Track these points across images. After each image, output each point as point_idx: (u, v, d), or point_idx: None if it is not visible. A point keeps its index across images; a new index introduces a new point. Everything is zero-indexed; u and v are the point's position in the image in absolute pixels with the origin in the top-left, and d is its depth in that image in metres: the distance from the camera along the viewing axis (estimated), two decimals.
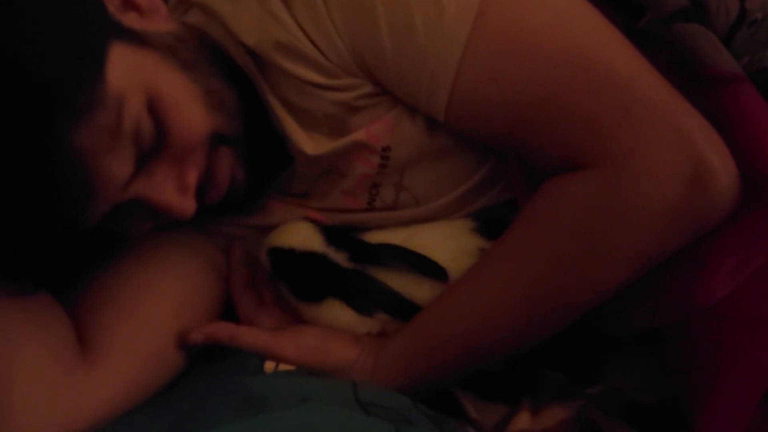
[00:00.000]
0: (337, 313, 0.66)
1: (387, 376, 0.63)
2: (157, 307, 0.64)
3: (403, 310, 0.65)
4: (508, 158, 0.65)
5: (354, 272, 0.65)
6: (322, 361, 0.63)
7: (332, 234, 0.67)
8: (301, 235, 0.66)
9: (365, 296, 0.65)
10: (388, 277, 0.66)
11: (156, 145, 0.57)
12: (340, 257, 0.66)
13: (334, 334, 0.65)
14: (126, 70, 0.55)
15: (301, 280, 0.66)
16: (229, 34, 0.63)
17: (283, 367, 0.62)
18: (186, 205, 0.60)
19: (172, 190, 0.59)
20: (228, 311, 0.70)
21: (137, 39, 0.58)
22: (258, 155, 0.66)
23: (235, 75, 0.64)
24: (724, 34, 0.66)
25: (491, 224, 0.67)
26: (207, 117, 0.60)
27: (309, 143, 0.65)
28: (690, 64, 0.61)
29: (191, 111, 0.59)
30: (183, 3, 0.67)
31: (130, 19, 0.59)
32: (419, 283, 0.65)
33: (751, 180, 0.56)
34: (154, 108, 0.56)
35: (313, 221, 0.68)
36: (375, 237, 0.67)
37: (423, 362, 0.62)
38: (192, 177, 0.60)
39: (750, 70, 0.64)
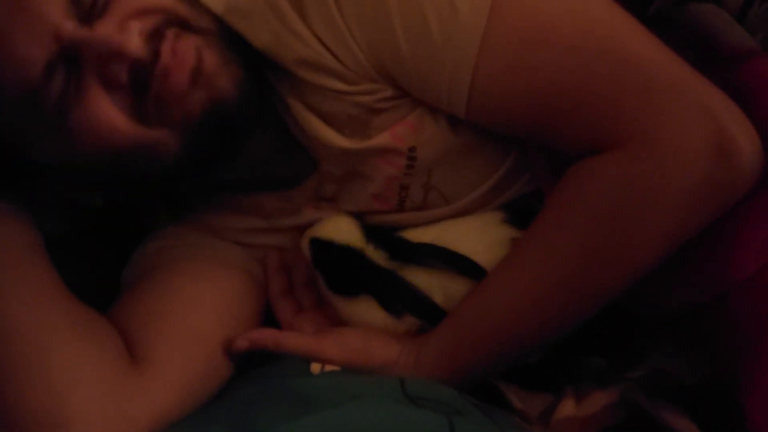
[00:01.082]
0: (370, 310, 0.66)
1: (430, 371, 0.63)
2: (202, 318, 0.65)
3: (431, 314, 0.66)
4: (529, 148, 0.66)
5: (387, 272, 0.66)
6: (365, 361, 0.64)
7: (372, 232, 0.67)
8: (341, 229, 0.67)
9: (395, 297, 0.66)
10: (427, 276, 0.66)
11: (102, 6, 0.57)
12: (378, 255, 0.66)
13: (375, 334, 0.66)
14: None
15: (338, 273, 0.67)
16: (246, 44, 0.64)
17: (328, 368, 0.63)
18: (124, 37, 0.56)
19: (111, 29, 0.57)
20: (268, 322, 0.71)
21: None
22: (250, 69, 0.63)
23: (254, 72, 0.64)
24: (736, 13, 0.67)
25: (521, 214, 0.67)
26: None
27: (336, 137, 0.66)
28: (705, 42, 0.62)
29: None
30: None
31: None
32: (457, 281, 0.66)
33: None
34: None
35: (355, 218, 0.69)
36: (409, 234, 0.68)
37: (465, 354, 0.63)
38: (132, 25, 0.57)
39: (765, 46, 0.65)
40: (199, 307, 0.65)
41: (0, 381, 0.55)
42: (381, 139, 0.65)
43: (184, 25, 0.60)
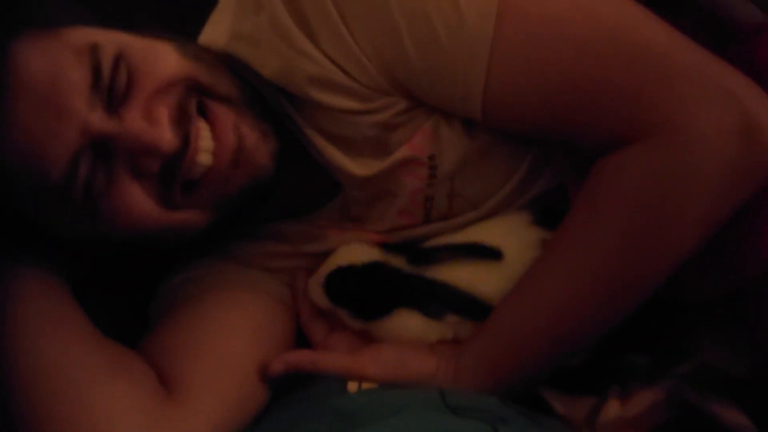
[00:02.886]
0: (408, 322, 0.65)
1: (470, 381, 0.62)
2: (234, 345, 0.64)
3: (473, 308, 0.64)
4: (549, 146, 0.65)
5: (418, 278, 0.65)
6: (402, 376, 0.63)
7: (386, 246, 0.67)
8: (358, 251, 0.67)
9: (433, 299, 0.65)
10: (447, 274, 0.65)
11: (124, 88, 0.57)
12: (399, 262, 0.66)
13: (410, 347, 0.64)
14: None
15: (367, 296, 0.66)
16: (258, 77, 0.64)
17: (365, 385, 0.62)
18: (157, 133, 0.56)
19: (142, 122, 0.57)
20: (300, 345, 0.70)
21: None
22: (280, 136, 0.64)
23: (268, 109, 0.65)
24: None
25: (548, 214, 0.66)
26: (180, 61, 0.60)
27: (356, 167, 0.66)
28: (716, 21, 0.61)
29: (158, 50, 0.59)
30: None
31: None
32: (478, 271, 0.64)
33: None
34: (123, 54, 0.57)
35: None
36: (433, 243, 0.67)
37: (506, 360, 0.61)
38: (160, 112, 0.57)
39: None
40: (230, 334, 0.65)
41: (42, 422, 0.55)
42: (400, 153, 0.64)
43: (205, 92, 0.60)
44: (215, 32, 0.67)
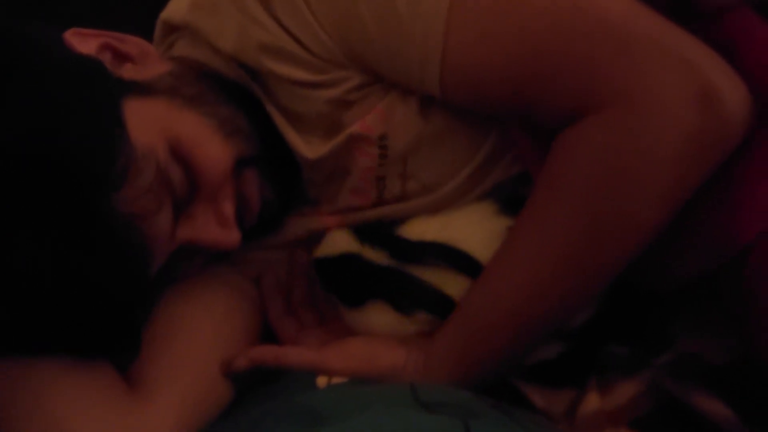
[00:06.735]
0: (380, 315, 0.64)
1: (440, 374, 0.60)
2: (194, 339, 0.63)
3: (444, 307, 0.63)
4: (511, 127, 0.63)
5: (392, 270, 0.64)
6: (371, 369, 0.62)
7: (368, 234, 0.66)
8: (334, 241, 0.66)
9: (404, 294, 0.64)
10: (429, 274, 0.64)
11: (189, 189, 0.59)
12: (377, 255, 0.64)
13: (379, 340, 0.63)
14: (143, 125, 0.56)
15: (342, 285, 0.65)
16: (217, 53, 0.63)
17: (335, 380, 0.61)
18: (231, 236, 0.62)
19: (215, 226, 0.61)
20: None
21: (142, 90, 0.59)
22: (279, 167, 0.66)
23: (237, 94, 0.64)
24: None
25: (513, 202, 0.65)
26: (227, 148, 0.61)
27: (307, 148, 0.65)
28: (683, 1, 0.60)
29: (212, 147, 0.61)
30: (168, 34, 0.67)
31: (128, 72, 0.61)
32: (458, 279, 0.63)
33: (765, 103, 0.55)
34: (177, 153, 0.58)
35: (349, 228, 0.67)
36: (409, 229, 0.66)
37: (475, 350, 0.60)
38: (229, 208, 0.61)
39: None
40: (191, 328, 0.64)
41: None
42: (349, 130, 0.63)
43: (245, 163, 0.63)
44: (176, 5, 0.66)
